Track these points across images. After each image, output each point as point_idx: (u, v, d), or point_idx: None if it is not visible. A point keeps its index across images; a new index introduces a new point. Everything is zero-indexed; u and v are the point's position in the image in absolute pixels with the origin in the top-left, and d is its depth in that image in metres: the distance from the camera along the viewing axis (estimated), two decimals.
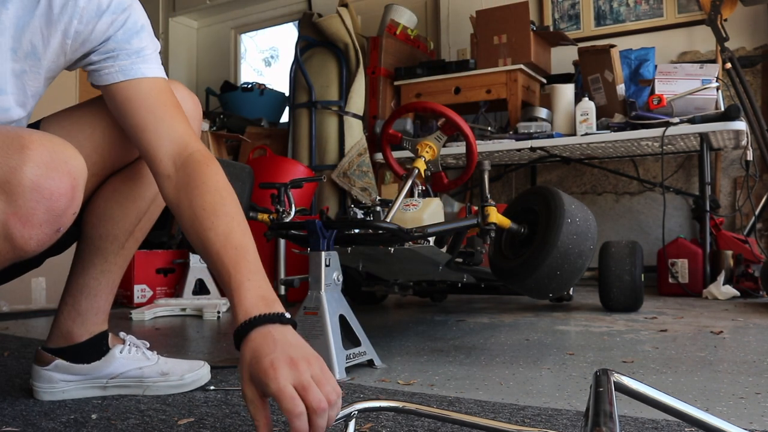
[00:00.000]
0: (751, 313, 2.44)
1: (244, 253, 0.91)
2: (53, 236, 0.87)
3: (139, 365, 1.25)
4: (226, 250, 0.91)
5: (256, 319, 0.84)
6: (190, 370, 1.27)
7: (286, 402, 0.75)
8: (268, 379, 0.77)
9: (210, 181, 0.98)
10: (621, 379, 0.69)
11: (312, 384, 0.77)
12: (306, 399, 0.76)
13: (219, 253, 0.91)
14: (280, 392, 0.76)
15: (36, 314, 2.83)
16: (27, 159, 0.81)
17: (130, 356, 1.25)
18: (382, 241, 1.69)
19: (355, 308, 1.57)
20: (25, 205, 0.81)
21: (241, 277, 0.88)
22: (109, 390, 1.24)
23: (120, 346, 1.25)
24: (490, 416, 1.06)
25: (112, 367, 1.23)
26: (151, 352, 1.29)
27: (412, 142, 2.08)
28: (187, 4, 5.72)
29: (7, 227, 0.81)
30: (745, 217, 3.69)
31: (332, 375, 0.82)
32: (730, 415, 1.05)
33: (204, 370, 1.29)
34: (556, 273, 1.80)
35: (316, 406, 0.76)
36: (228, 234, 0.92)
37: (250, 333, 0.83)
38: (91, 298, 1.22)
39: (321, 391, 0.78)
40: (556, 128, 3.52)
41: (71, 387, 1.22)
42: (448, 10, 4.66)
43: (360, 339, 1.50)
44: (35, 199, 0.82)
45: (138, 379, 1.24)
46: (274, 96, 4.99)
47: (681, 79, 3.21)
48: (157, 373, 1.24)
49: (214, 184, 0.97)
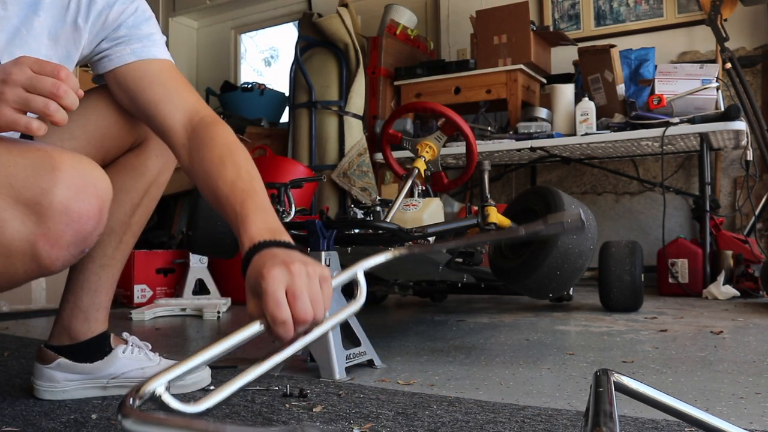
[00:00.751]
0: (751, 313, 2.44)
1: (252, 193, 0.90)
2: (78, 257, 0.88)
3: (141, 366, 1.24)
4: (234, 193, 0.90)
5: (260, 245, 0.80)
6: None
7: (271, 306, 0.71)
8: (261, 279, 0.73)
9: (218, 137, 0.99)
10: (621, 379, 0.69)
11: (304, 293, 0.73)
12: (292, 306, 0.72)
13: (227, 197, 0.90)
14: (268, 295, 0.71)
15: (36, 314, 2.83)
16: (58, 181, 0.83)
17: (133, 357, 1.25)
18: (382, 241, 1.69)
19: None
20: (55, 227, 0.83)
21: (246, 212, 0.86)
22: (110, 390, 1.23)
23: (123, 347, 1.25)
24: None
25: (114, 367, 1.23)
26: (153, 353, 1.28)
27: (412, 142, 2.08)
28: (187, 4, 5.72)
29: (35, 248, 0.83)
30: (745, 217, 3.69)
31: (330, 294, 0.77)
32: (730, 415, 1.05)
33: (204, 373, 1.29)
34: (556, 273, 1.80)
35: (299, 316, 0.72)
36: (235, 180, 0.91)
37: (254, 256, 0.79)
38: (91, 294, 1.22)
39: (312, 307, 0.73)
40: (556, 128, 3.52)
41: (72, 387, 1.22)
42: (448, 10, 4.65)
43: (360, 339, 1.50)
44: (64, 221, 0.83)
45: (139, 380, 1.22)
46: (274, 96, 4.99)
47: (681, 79, 3.21)
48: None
49: (222, 139, 0.99)
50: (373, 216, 1.88)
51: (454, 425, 1.00)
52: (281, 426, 1.02)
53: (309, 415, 1.08)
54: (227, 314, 2.78)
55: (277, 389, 1.27)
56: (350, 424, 1.02)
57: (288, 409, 1.12)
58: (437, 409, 1.11)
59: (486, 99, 3.80)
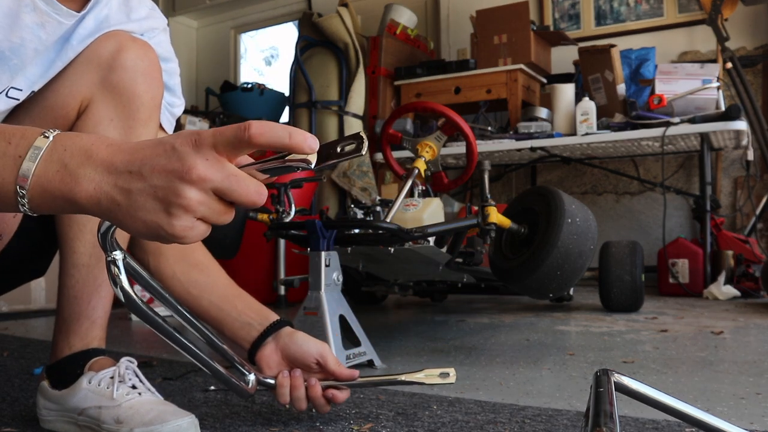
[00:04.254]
0: (752, 313, 2.44)
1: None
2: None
3: (98, 404, 0.96)
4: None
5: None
6: (149, 423, 0.92)
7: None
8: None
9: None
10: (621, 380, 0.69)
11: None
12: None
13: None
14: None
15: (35, 314, 2.83)
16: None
17: (97, 390, 0.98)
18: (382, 241, 1.69)
19: (355, 308, 1.56)
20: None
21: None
22: (83, 429, 0.98)
23: (92, 375, 0.99)
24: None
25: (77, 399, 0.99)
26: (142, 383, 1.01)
27: (412, 142, 2.07)
28: (186, 3, 5.72)
29: None
30: (746, 217, 3.68)
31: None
32: (730, 415, 1.05)
33: (169, 426, 0.92)
34: (556, 273, 1.80)
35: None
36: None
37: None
38: (71, 301, 1.02)
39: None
40: (556, 128, 3.52)
41: (52, 417, 1.02)
42: (448, 10, 4.65)
43: (360, 339, 1.50)
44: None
45: (96, 421, 0.96)
46: (274, 96, 4.98)
47: (681, 78, 3.21)
48: (113, 419, 0.94)
49: None
50: (373, 216, 1.88)
51: (454, 425, 1.00)
52: (280, 426, 1.02)
53: (309, 416, 1.08)
54: None
55: None
56: (350, 424, 1.02)
57: (288, 409, 1.12)
58: (437, 409, 1.10)
59: (486, 99, 3.80)
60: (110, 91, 0.98)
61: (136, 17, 1.05)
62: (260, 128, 0.56)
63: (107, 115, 0.98)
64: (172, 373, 1.45)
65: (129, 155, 0.58)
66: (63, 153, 0.59)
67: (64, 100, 0.97)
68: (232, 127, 0.57)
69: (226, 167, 0.57)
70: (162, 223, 0.57)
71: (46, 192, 0.59)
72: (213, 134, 0.57)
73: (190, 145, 0.56)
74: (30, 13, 0.92)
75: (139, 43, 1.00)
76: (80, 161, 0.58)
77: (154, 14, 1.10)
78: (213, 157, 0.56)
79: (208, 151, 0.56)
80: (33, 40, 0.93)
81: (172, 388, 1.31)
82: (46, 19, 0.94)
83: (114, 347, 1.83)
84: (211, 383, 1.32)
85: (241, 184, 0.57)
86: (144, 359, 1.57)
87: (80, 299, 1.02)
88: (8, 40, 0.91)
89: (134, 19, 1.05)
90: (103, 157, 0.58)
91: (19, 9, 0.91)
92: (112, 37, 0.99)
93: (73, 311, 1.02)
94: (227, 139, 0.56)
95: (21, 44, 0.92)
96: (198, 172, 0.56)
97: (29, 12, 0.92)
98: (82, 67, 0.98)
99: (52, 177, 0.58)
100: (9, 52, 0.91)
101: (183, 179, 0.56)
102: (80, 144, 0.59)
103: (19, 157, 0.59)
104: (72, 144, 0.59)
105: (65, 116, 0.98)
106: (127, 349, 1.86)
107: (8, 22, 0.90)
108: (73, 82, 0.97)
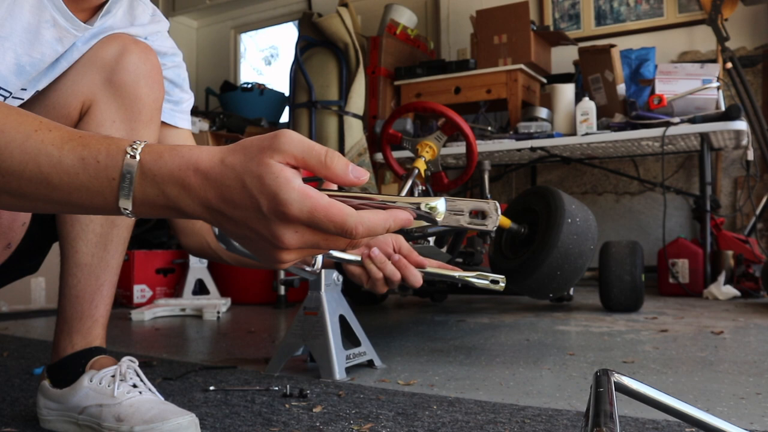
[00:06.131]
0: (752, 313, 2.44)
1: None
2: (3, 252, 0.83)
3: (99, 402, 0.97)
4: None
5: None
6: (149, 421, 0.92)
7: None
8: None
9: None
10: (621, 380, 0.69)
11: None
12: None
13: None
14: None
15: (35, 314, 2.83)
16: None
17: (98, 388, 0.98)
18: None
19: (355, 308, 1.56)
20: None
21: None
22: (84, 429, 0.99)
23: (93, 373, 1.00)
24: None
25: (77, 397, 0.99)
26: (144, 383, 1.01)
27: (412, 142, 2.08)
28: (186, 3, 5.72)
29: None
30: (746, 217, 3.69)
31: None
32: (730, 415, 1.05)
33: (170, 424, 0.92)
34: (556, 273, 1.80)
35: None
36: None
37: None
38: (73, 300, 1.03)
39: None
40: (556, 128, 3.52)
41: (53, 417, 1.03)
42: (448, 10, 4.65)
43: (360, 339, 1.50)
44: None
45: (96, 419, 0.96)
46: (274, 96, 4.99)
47: (681, 78, 3.21)
48: (113, 417, 0.95)
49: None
50: None
51: (454, 425, 1.00)
52: (281, 426, 1.02)
53: (309, 416, 1.08)
54: (227, 314, 2.77)
55: (277, 389, 1.26)
56: (350, 424, 1.02)
57: (288, 409, 1.12)
58: (437, 410, 1.10)
59: (486, 99, 3.80)
60: (113, 92, 0.99)
61: (140, 23, 1.08)
62: (364, 230, 0.57)
63: (110, 117, 0.99)
64: (172, 373, 1.45)
65: (218, 191, 0.57)
66: (154, 178, 0.58)
67: (66, 100, 0.98)
68: (335, 211, 0.56)
69: (314, 224, 0.57)
70: (270, 260, 0.60)
71: (153, 209, 0.60)
72: (300, 210, 0.56)
73: (274, 213, 0.56)
74: (50, 29, 0.93)
75: (141, 46, 1.02)
76: (177, 193, 0.58)
77: (156, 18, 1.12)
78: (301, 229, 0.57)
79: (296, 224, 0.57)
80: (51, 55, 0.95)
81: (172, 388, 1.31)
82: (64, 34, 0.95)
83: (114, 347, 1.83)
84: (211, 383, 1.32)
85: (329, 239, 0.58)
86: (144, 359, 1.57)
87: (82, 298, 1.03)
88: (29, 55, 0.92)
89: (137, 24, 1.07)
90: (197, 192, 0.58)
91: (39, 25, 0.92)
92: (115, 40, 1.00)
93: (75, 310, 1.03)
94: (319, 221, 0.56)
95: (41, 59, 0.94)
96: (288, 243, 0.57)
97: (49, 27, 0.93)
98: (85, 68, 0.99)
99: (154, 199, 0.59)
100: (29, 66, 0.93)
101: (277, 247, 0.58)
102: (168, 170, 0.58)
103: (113, 179, 0.59)
104: (159, 170, 0.58)
105: (67, 116, 0.98)
106: (127, 348, 1.86)
107: (29, 37, 0.91)
108: (76, 82, 0.98)
